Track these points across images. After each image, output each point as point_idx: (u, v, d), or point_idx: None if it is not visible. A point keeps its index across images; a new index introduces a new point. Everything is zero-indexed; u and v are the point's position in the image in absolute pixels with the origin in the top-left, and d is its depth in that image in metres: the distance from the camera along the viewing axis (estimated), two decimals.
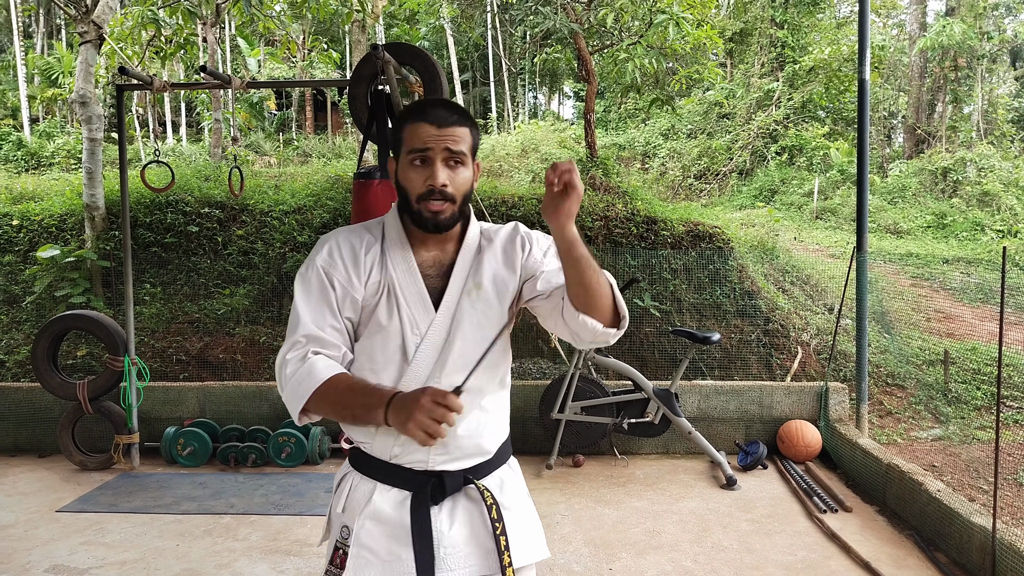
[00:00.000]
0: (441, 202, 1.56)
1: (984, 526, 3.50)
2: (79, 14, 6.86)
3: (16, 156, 17.56)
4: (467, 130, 1.60)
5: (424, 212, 1.57)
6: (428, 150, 1.55)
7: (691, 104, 21.15)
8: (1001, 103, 22.17)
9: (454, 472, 1.63)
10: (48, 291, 6.90)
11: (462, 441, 1.63)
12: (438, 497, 1.62)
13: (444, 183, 1.55)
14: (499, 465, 1.73)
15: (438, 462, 1.62)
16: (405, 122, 1.60)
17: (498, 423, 1.73)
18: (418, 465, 1.62)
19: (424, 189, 1.56)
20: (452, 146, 1.56)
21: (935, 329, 8.13)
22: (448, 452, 1.62)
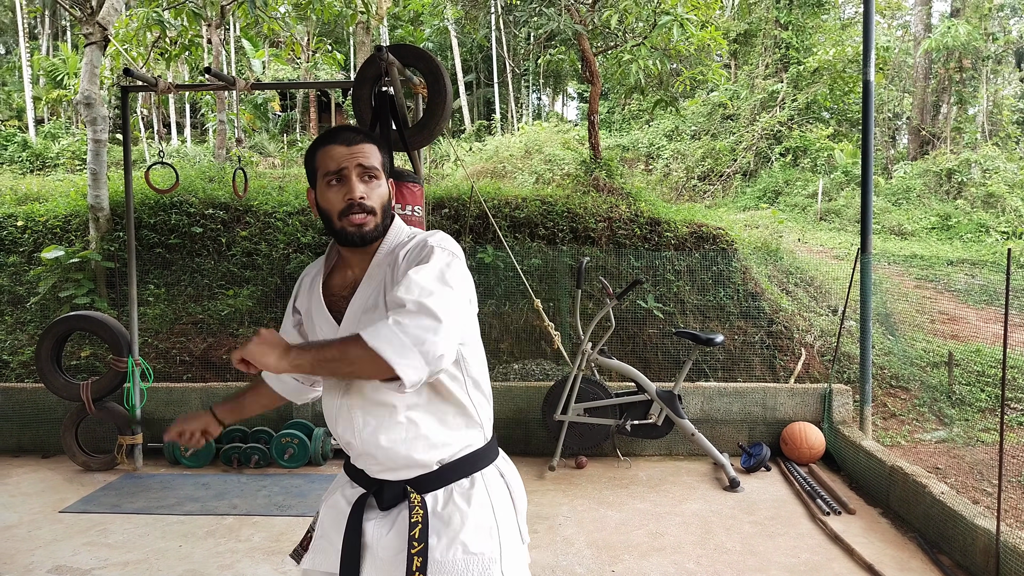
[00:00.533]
0: (362, 215, 1.63)
1: (988, 529, 3.48)
2: (84, 16, 6.88)
3: (21, 157, 17.61)
4: (375, 148, 1.67)
5: (347, 227, 1.63)
6: (343, 168, 1.62)
7: (695, 105, 21.13)
8: (1006, 104, 22.09)
9: (392, 482, 1.69)
10: (52, 292, 6.92)
11: (387, 453, 1.66)
12: (383, 504, 1.71)
13: (362, 195, 1.62)
14: (453, 479, 1.70)
15: (374, 471, 1.71)
16: (315, 152, 1.68)
17: (436, 437, 1.68)
18: (366, 471, 1.74)
19: (343, 204, 1.63)
20: (364, 161, 1.63)
21: (939, 331, 8.11)
22: (379, 463, 1.69)
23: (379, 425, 1.66)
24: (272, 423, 5.73)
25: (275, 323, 6.81)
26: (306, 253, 7.16)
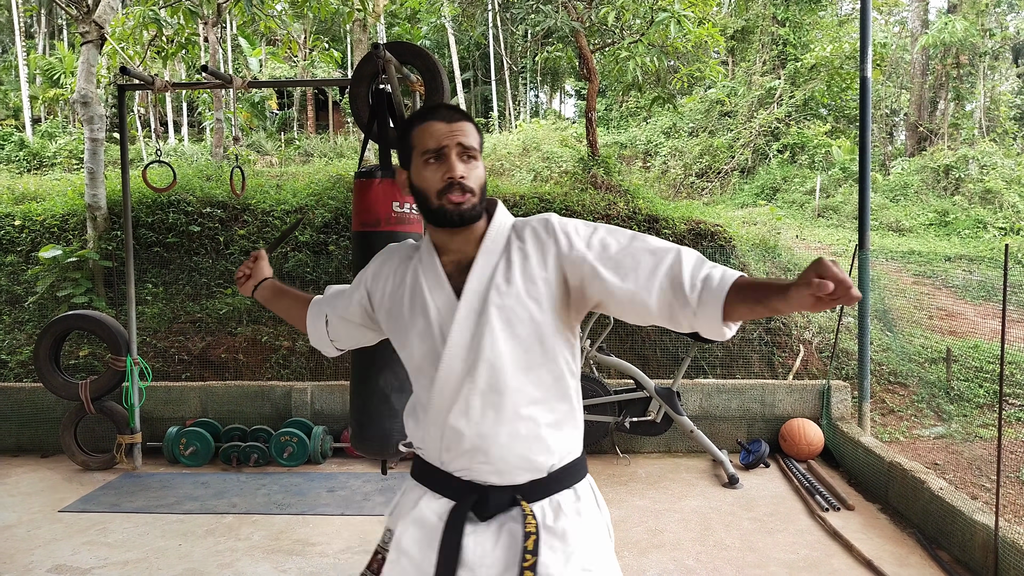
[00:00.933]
0: (461, 193, 1.54)
1: (987, 524, 3.49)
2: (80, 14, 6.86)
3: (18, 156, 17.58)
4: (474, 127, 1.60)
5: (446, 205, 1.54)
6: (443, 147, 1.54)
7: (693, 102, 21.12)
8: (1003, 100, 22.11)
9: (500, 487, 1.53)
10: (50, 291, 6.91)
11: (505, 450, 1.52)
12: (485, 513, 1.54)
13: (462, 175, 1.54)
14: (559, 489, 1.58)
15: (483, 472, 1.53)
16: (412, 127, 1.60)
17: (555, 439, 1.57)
18: (464, 474, 1.55)
19: (443, 183, 1.54)
20: (464, 140, 1.55)
21: (937, 327, 8.12)
22: (491, 462, 1.52)
23: (500, 417, 1.52)
24: (271, 421, 5.73)
25: (273, 321, 6.81)
26: (304, 251, 7.15)
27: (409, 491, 1.65)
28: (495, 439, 1.51)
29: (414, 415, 1.65)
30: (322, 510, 4.55)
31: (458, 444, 1.53)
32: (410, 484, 1.67)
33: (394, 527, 1.62)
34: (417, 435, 1.63)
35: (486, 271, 1.56)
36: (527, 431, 1.53)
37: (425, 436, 1.59)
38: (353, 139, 20.16)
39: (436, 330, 1.56)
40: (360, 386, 3.39)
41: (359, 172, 3.37)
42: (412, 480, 1.67)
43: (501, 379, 1.52)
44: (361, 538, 4.14)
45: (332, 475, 5.24)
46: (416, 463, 1.67)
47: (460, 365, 1.53)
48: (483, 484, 1.54)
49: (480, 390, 1.52)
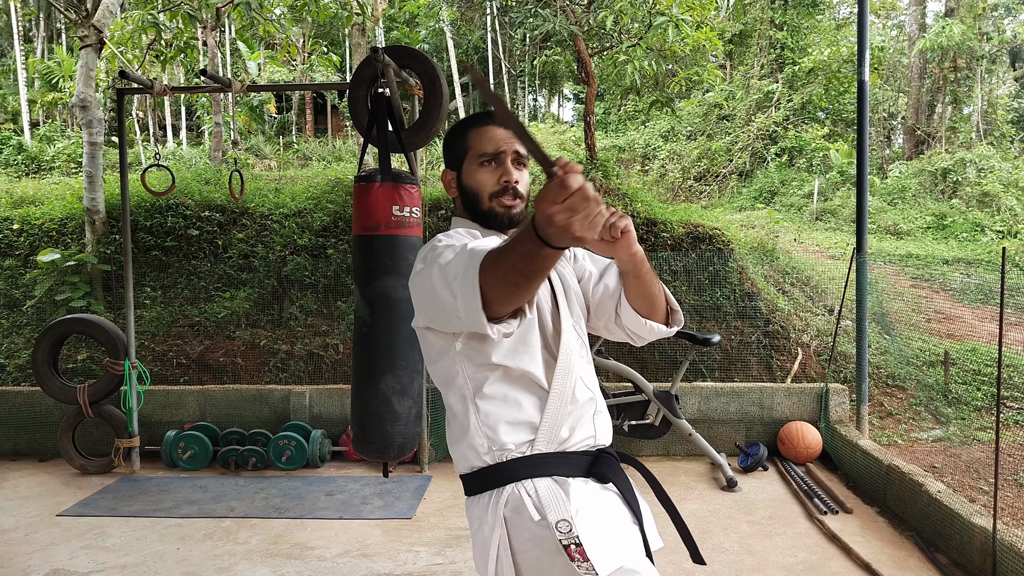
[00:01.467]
0: (513, 198, 1.64)
1: (985, 527, 3.50)
2: (79, 18, 6.87)
3: (16, 160, 17.57)
4: None
5: (497, 208, 1.64)
6: (501, 152, 1.62)
7: (691, 106, 21.16)
8: (1001, 104, 22.16)
9: (608, 448, 1.67)
10: (48, 295, 6.91)
11: (604, 404, 1.70)
12: (607, 475, 1.60)
13: (517, 180, 1.64)
14: None
15: (600, 433, 1.64)
16: (469, 129, 1.67)
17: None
18: (586, 443, 1.60)
19: (498, 187, 1.63)
20: (518, 148, 1.64)
21: (935, 330, 8.13)
22: (605, 421, 1.67)
23: (595, 379, 1.69)
24: (270, 425, 5.73)
25: (272, 324, 6.81)
26: (302, 255, 7.16)
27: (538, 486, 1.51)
28: (601, 400, 1.68)
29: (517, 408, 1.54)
30: (320, 514, 4.54)
31: (585, 412, 1.60)
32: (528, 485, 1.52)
33: (566, 515, 1.47)
34: (522, 430, 1.53)
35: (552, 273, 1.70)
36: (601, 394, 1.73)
37: (544, 420, 1.53)
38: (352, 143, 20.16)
39: (549, 312, 1.62)
40: (362, 389, 3.40)
41: (359, 176, 3.38)
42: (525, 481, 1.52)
43: (585, 351, 1.68)
44: (360, 542, 4.14)
45: (330, 479, 5.23)
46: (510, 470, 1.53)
47: (576, 340, 1.63)
48: (596, 449, 1.64)
49: (586, 359, 1.67)
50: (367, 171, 3.40)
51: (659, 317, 1.66)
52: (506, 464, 1.54)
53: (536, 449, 1.53)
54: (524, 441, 1.54)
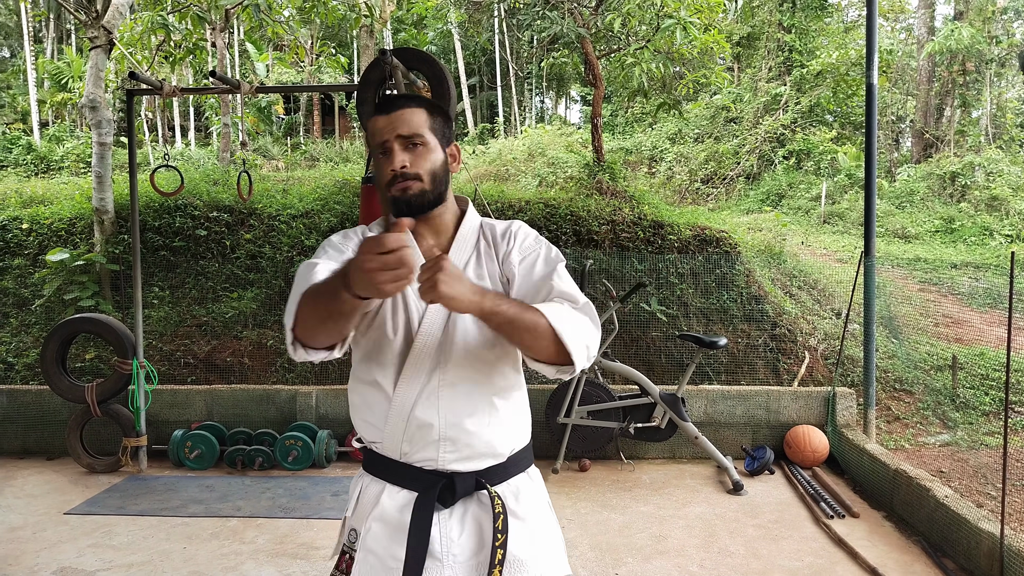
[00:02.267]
0: (404, 182, 1.57)
1: (992, 532, 3.48)
2: (89, 19, 6.91)
3: (26, 160, 17.67)
4: (421, 111, 1.60)
5: (395, 194, 1.59)
6: (385, 141, 1.58)
7: (698, 108, 21.14)
8: (1010, 107, 22.08)
9: (465, 473, 1.58)
10: (57, 294, 6.94)
11: (472, 438, 1.58)
12: (448, 500, 1.58)
13: (403, 164, 1.57)
14: (515, 473, 1.68)
15: (448, 460, 1.57)
16: (367, 127, 1.68)
17: (512, 426, 1.67)
18: (428, 464, 1.57)
19: (388, 176, 1.59)
20: (403, 131, 1.57)
21: (943, 334, 8.10)
22: (457, 449, 1.57)
23: (466, 408, 1.58)
24: (276, 425, 5.74)
25: (279, 325, 6.82)
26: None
27: (367, 488, 1.65)
28: (462, 428, 1.57)
29: (368, 410, 1.62)
30: (326, 514, 4.55)
31: (425, 435, 1.56)
32: (367, 481, 1.66)
33: (358, 526, 1.63)
34: (372, 430, 1.63)
35: (459, 265, 1.63)
36: (492, 419, 1.61)
37: (385, 430, 1.59)
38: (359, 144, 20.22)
39: (409, 319, 1.60)
40: None
41: (366, 177, 3.39)
42: (368, 476, 1.66)
43: (470, 370, 1.59)
44: None
45: (337, 479, 5.24)
46: (369, 458, 1.67)
47: (431, 357, 1.58)
48: (447, 472, 1.58)
49: (450, 381, 1.57)
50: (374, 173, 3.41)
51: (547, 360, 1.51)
52: (366, 451, 1.69)
53: (383, 452, 1.62)
54: (375, 441, 1.63)
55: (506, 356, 1.65)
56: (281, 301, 7.04)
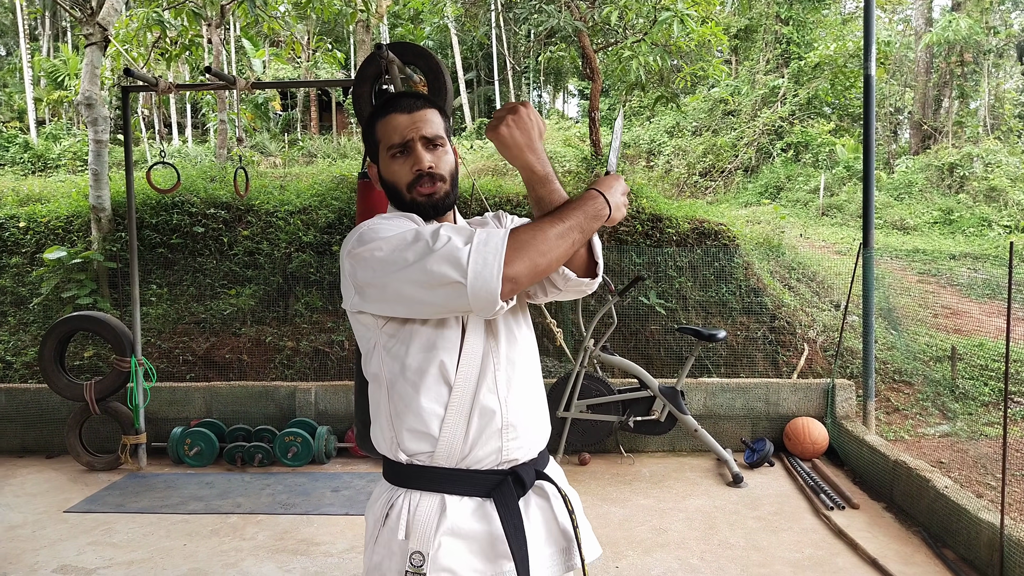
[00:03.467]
0: (432, 183, 1.53)
1: (992, 522, 3.48)
2: (84, 16, 6.88)
3: (23, 158, 17.62)
4: (437, 113, 1.58)
5: (418, 198, 1.54)
6: (408, 140, 1.53)
7: (696, 101, 21.11)
8: (1008, 98, 22.04)
9: (526, 464, 1.54)
10: (55, 292, 6.93)
11: (528, 421, 1.54)
12: (519, 494, 1.52)
13: (430, 165, 1.52)
14: (549, 457, 1.68)
15: (511, 449, 1.50)
16: (375, 122, 1.58)
17: (546, 406, 1.67)
18: (490, 461, 1.49)
19: (412, 176, 1.53)
20: (427, 130, 1.53)
21: (942, 325, 8.10)
22: (519, 436, 1.51)
23: (520, 388, 1.53)
24: (276, 422, 5.74)
25: (277, 321, 6.82)
26: (307, 252, 7.16)
27: (420, 504, 1.48)
28: (520, 413, 1.52)
29: (417, 418, 1.48)
30: (326, 510, 4.55)
31: (489, 425, 1.48)
32: (415, 497, 1.49)
33: (424, 548, 1.44)
34: (424, 440, 1.48)
35: None
36: (538, 400, 1.60)
37: (443, 432, 1.46)
38: (356, 140, 20.18)
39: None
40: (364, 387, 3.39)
41: (362, 173, 3.38)
42: (414, 492, 1.50)
43: (513, 351, 1.55)
44: None
45: (336, 475, 5.24)
46: (412, 473, 1.51)
47: (481, 340, 1.50)
48: (507, 468, 1.51)
49: (503, 365, 1.51)
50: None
51: (575, 265, 1.51)
52: (403, 467, 1.51)
53: (435, 462, 1.48)
54: (424, 452, 1.49)
55: (531, 335, 1.65)
56: (279, 297, 7.03)
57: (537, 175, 1.47)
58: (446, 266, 1.31)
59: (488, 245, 1.32)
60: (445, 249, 1.32)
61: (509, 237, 1.34)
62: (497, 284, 1.30)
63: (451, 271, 1.30)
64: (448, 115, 1.65)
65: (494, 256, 1.30)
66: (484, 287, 1.30)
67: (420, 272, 1.33)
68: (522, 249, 1.33)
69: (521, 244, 1.33)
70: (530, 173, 1.47)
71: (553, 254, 1.36)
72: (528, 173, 1.48)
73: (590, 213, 1.41)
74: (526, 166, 1.47)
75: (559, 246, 1.37)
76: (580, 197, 1.44)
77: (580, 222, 1.40)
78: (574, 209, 1.41)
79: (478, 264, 1.30)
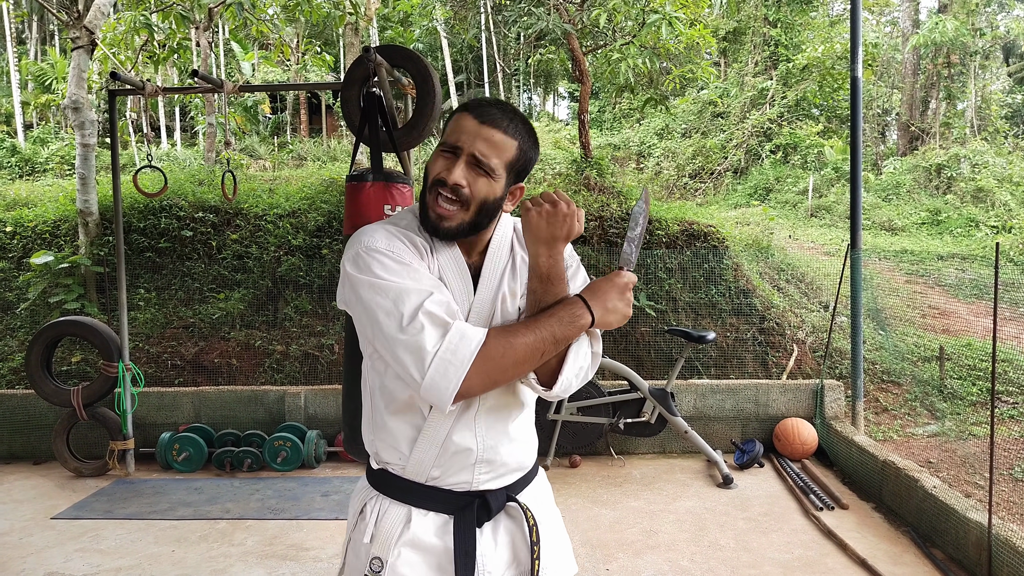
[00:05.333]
0: (448, 206, 1.41)
1: (980, 522, 3.50)
2: (71, 20, 6.85)
3: (10, 162, 17.51)
4: (511, 142, 1.43)
5: (430, 205, 1.43)
6: (459, 146, 1.41)
7: (685, 103, 21.17)
8: (994, 99, 22.21)
9: (496, 491, 1.53)
10: (42, 297, 6.88)
11: (505, 457, 1.53)
12: (483, 518, 1.52)
13: (457, 181, 1.39)
14: (532, 479, 1.65)
15: (482, 481, 1.50)
16: (455, 114, 1.47)
17: (533, 437, 1.65)
18: (460, 487, 1.50)
19: (434, 180, 1.43)
20: (482, 150, 1.40)
21: (930, 325, 8.14)
22: (493, 470, 1.51)
23: (503, 428, 1.52)
24: (265, 426, 5.71)
25: (267, 325, 6.79)
26: (297, 255, 7.14)
27: (387, 512, 1.52)
28: (498, 451, 1.51)
29: (390, 433, 1.50)
30: (316, 515, 4.53)
31: (462, 460, 1.48)
32: (384, 504, 1.53)
33: (384, 555, 1.48)
34: (393, 453, 1.51)
35: (492, 282, 1.52)
36: (522, 436, 1.58)
37: (412, 455, 1.48)
38: (346, 142, 20.14)
39: None
40: (353, 390, 3.38)
41: (351, 175, 3.37)
42: (385, 499, 1.53)
43: (506, 391, 1.51)
44: None
45: (326, 479, 5.22)
46: (385, 480, 1.54)
47: None
48: (477, 492, 1.52)
49: (489, 405, 1.50)
50: (359, 171, 3.39)
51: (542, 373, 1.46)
52: (379, 472, 1.55)
53: (406, 475, 1.51)
54: (395, 463, 1.52)
55: None
56: (268, 301, 7.00)
57: (539, 269, 1.43)
58: (408, 358, 1.32)
59: (456, 355, 1.31)
60: (413, 342, 1.31)
61: (479, 351, 1.32)
62: (449, 398, 1.32)
63: (411, 366, 1.32)
64: (533, 155, 1.53)
65: (456, 371, 1.31)
66: (436, 396, 1.32)
67: (385, 342, 1.35)
68: (487, 365, 1.33)
69: (488, 360, 1.33)
70: (535, 264, 1.44)
71: (516, 371, 1.37)
72: (533, 262, 1.44)
73: (566, 321, 1.39)
74: (534, 255, 1.44)
75: (525, 361, 1.37)
76: (562, 304, 1.41)
77: (555, 332, 1.39)
78: (551, 317, 1.39)
79: (438, 373, 1.31)
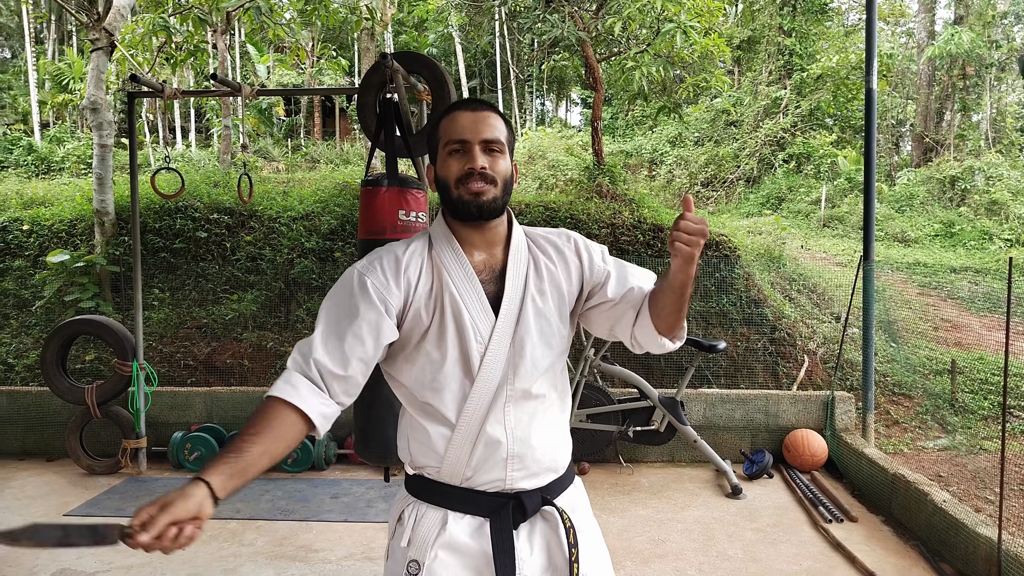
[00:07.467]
0: (482, 183, 1.51)
1: (990, 537, 3.49)
2: (90, 21, 6.92)
3: (27, 161, 17.67)
4: (502, 122, 1.58)
5: (464, 195, 1.52)
6: (466, 140, 1.52)
7: (698, 112, 21.15)
8: (1010, 111, 22.08)
9: (531, 491, 1.56)
10: (57, 296, 6.95)
11: (537, 452, 1.56)
12: (519, 520, 1.54)
13: (483, 165, 1.51)
14: (568, 484, 1.66)
15: (516, 479, 1.54)
16: (440, 120, 1.59)
17: (567, 437, 1.67)
18: (493, 486, 1.53)
19: (463, 172, 1.52)
20: (488, 134, 1.53)
21: (942, 338, 8.10)
22: (525, 467, 1.54)
23: (533, 422, 1.56)
24: None
25: (279, 327, 6.83)
26: (310, 258, 7.18)
27: (424, 516, 1.56)
28: (529, 444, 1.55)
29: (423, 434, 1.56)
30: (325, 516, 4.56)
31: (493, 455, 1.52)
32: (422, 509, 1.57)
33: (421, 557, 1.52)
34: (428, 455, 1.56)
35: (519, 278, 1.58)
36: (554, 433, 1.61)
37: (448, 454, 1.53)
38: (359, 146, 20.23)
39: (471, 336, 1.52)
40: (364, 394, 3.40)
41: (366, 180, 3.40)
42: (422, 503, 1.58)
43: (535, 386, 1.56)
44: (364, 545, 4.15)
45: (336, 481, 5.25)
46: (420, 485, 1.59)
47: (499, 373, 1.53)
48: (512, 492, 1.55)
49: (517, 397, 1.54)
50: (374, 175, 3.41)
51: (673, 335, 1.59)
52: (414, 478, 1.62)
53: (441, 478, 1.56)
54: (432, 466, 1.56)
55: (561, 366, 1.66)
56: (281, 303, 7.05)
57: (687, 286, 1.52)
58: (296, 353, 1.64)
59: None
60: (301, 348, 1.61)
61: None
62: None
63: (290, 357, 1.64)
64: (511, 127, 1.64)
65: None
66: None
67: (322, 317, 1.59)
68: None
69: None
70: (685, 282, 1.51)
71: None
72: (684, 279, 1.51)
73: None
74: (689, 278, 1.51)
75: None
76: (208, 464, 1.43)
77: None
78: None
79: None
